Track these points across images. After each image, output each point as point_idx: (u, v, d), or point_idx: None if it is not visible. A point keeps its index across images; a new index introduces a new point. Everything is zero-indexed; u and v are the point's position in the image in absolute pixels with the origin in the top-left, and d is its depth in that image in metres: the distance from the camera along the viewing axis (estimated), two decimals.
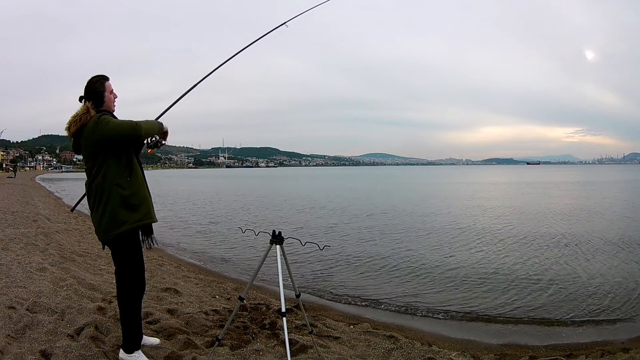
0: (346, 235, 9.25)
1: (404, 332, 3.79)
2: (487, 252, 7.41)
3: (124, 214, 2.34)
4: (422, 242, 8.39)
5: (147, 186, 2.54)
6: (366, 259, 6.89)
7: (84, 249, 6.11)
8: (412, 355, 3.09)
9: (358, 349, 3.18)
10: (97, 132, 2.30)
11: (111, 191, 2.33)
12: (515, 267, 6.26)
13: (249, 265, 6.47)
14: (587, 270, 6.05)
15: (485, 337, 3.84)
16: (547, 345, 3.67)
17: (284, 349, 2.38)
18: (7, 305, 3.07)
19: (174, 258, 6.86)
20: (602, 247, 7.72)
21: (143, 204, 2.44)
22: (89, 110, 2.34)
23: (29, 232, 6.85)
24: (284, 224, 11.11)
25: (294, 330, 3.30)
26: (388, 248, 7.83)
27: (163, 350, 2.68)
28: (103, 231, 2.36)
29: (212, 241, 8.70)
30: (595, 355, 3.29)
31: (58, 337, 2.68)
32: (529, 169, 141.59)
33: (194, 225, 11.14)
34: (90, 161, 2.38)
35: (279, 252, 2.44)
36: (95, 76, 2.47)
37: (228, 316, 3.43)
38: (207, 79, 3.27)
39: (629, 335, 3.84)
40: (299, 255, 6.77)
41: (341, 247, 7.90)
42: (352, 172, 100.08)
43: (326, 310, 4.38)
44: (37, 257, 4.93)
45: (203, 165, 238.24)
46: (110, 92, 2.47)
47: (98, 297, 3.66)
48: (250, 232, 2.90)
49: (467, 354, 3.31)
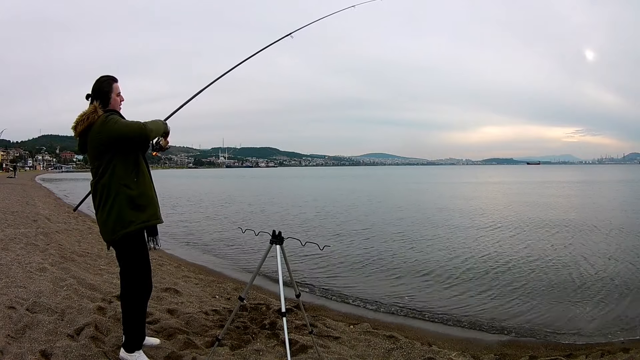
0: (346, 236, 9.25)
1: (404, 332, 3.79)
2: (488, 252, 7.41)
3: (130, 214, 2.34)
4: (423, 242, 8.39)
5: (153, 187, 2.53)
6: (366, 259, 6.89)
7: (84, 249, 6.11)
8: (412, 355, 3.09)
9: (358, 349, 3.18)
10: (104, 131, 2.29)
11: (118, 191, 2.32)
12: (515, 267, 6.26)
13: (249, 265, 6.47)
14: (588, 270, 6.05)
15: (485, 337, 3.84)
16: (547, 345, 3.67)
17: (284, 349, 2.38)
18: (7, 305, 3.07)
19: (174, 258, 6.86)
20: (603, 246, 7.73)
21: (150, 205, 2.44)
22: (97, 109, 2.33)
23: (29, 232, 6.85)
24: (284, 224, 11.12)
25: (294, 330, 3.30)
26: (388, 248, 7.83)
27: (163, 350, 2.68)
28: (109, 231, 2.35)
29: (212, 241, 8.70)
30: (595, 355, 3.29)
31: (58, 337, 2.68)
32: (529, 169, 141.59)
33: (194, 225, 11.14)
34: (96, 160, 2.36)
35: (279, 252, 2.44)
36: (104, 76, 2.46)
37: (228, 316, 3.44)
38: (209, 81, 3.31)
39: (629, 335, 3.84)
40: (299, 255, 6.77)
41: (341, 247, 7.90)
42: (352, 172, 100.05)
43: (326, 310, 4.38)
44: (37, 257, 4.93)
45: (203, 165, 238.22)
46: (117, 95, 2.46)
47: (98, 297, 3.66)
48: (250, 232, 2.90)
49: (467, 354, 3.31)
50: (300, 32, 3.68)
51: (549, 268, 6.19)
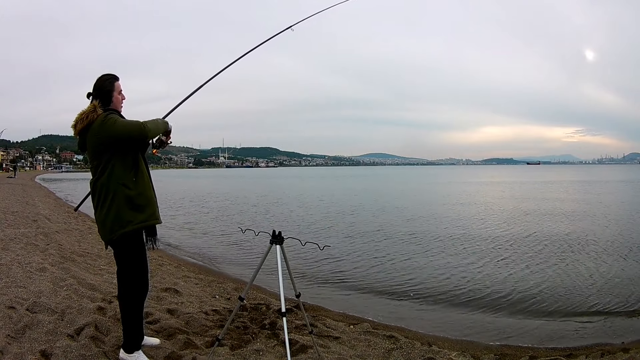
0: (346, 236, 9.25)
1: (404, 332, 3.79)
2: (488, 252, 7.41)
3: (129, 214, 2.33)
4: (423, 243, 8.39)
5: (152, 187, 2.53)
6: (366, 259, 6.90)
7: (84, 249, 6.11)
8: (412, 355, 3.09)
9: (358, 349, 3.18)
10: (103, 131, 2.28)
11: (117, 190, 2.31)
12: (515, 268, 6.26)
13: (249, 265, 6.47)
14: (588, 270, 6.05)
15: (485, 337, 3.84)
16: (547, 345, 3.67)
17: (284, 349, 2.38)
18: (7, 305, 3.07)
19: (174, 258, 6.87)
20: (603, 246, 7.72)
21: (149, 205, 2.43)
22: (96, 108, 2.33)
23: (29, 232, 6.85)
24: (284, 224, 11.12)
25: (294, 330, 3.30)
26: (388, 248, 7.83)
27: (163, 350, 2.68)
28: (107, 230, 2.35)
29: (212, 241, 8.70)
30: (595, 355, 3.29)
31: (58, 337, 2.68)
32: (530, 169, 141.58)
33: (194, 225, 11.14)
34: (95, 159, 2.36)
35: (279, 252, 2.44)
36: (106, 74, 2.45)
37: (228, 316, 3.43)
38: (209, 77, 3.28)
39: (629, 335, 3.84)
40: (299, 255, 6.77)
41: (341, 247, 7.90)
42: (352, 172, 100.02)
43: (326, 310, 4.38)
44: (37, 257, 4.93)
45: (203, 165, 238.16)
46: (118, 93, 2.46)
47: (98, 297, 3.66)
48: (250, 232, 2.90)
49: (467, 354, 3.31)
50: (301, 31, 3.67)
51: (549, 268, 6.19)
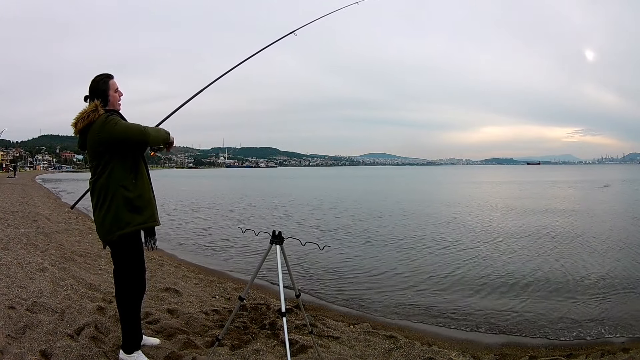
0: (346, 236, 9.25)
1: (404, 332, 3.79)
2: (488, 252, 7.41)
3: (127, 215, 2.33)
4: (423, 243, 8.38)
5: (152, 188, 2.53)
6: (366, 259, 6.89)
7: (84, 249, 6.11)
8: (412, 355, 3.09)
9: (358, 349, 3.18)
10: (103, 132, 2.28)
11: (116, 192, 2.31)
12: (515, 267, 6.26)
13: (249, 265, 6.47)
14: (588, 270, 6.05)
15: (485, 337, 3.84)
16: (547, 345, 3.67)
17: (284, 349, 2.38)
18: (7, 305, 3.07)
19: (174, 258, 6.87)
20: (603, 246, 7.72)
21: (148, 207, 2.43)
22: (98, 108, 2.32)
23: (29, 232, 6.85)
24: (284, 224, 11.12)
25: (294, 330, 3.30)
26: (388, 248, 7.83)
27: (163, 350, 2.68)
28: (106, 231, 2.35)
29: (212, 241, 8.70)
30: (595, 355, 3.29)
31: (58, 337, 2.68)
32: (530, 169, 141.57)
33: (194, 225, 11.14)
34: (94, 160, 2.36)
35: (279, 252, 2.44)
36: (99, 75, 2.45)
37: (228, 316, 3.44)
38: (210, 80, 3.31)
39: (629, 335, 3.84)
40: (299, 255, 6.77)
41: (341, 247, 7.90)
42: (352, 172, 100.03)
43: (326, 310, 4.38)
44: (37, 257, 4.93)
45: (203, 165, 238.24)
46: (114, 91, 2.45)
47: (98, 297, 3.66)
48: (250, 232, 2.90)
49: (467, 354, 3.31)
50: (302, 31, 3.67)
51: (550, 268, 6.18)
